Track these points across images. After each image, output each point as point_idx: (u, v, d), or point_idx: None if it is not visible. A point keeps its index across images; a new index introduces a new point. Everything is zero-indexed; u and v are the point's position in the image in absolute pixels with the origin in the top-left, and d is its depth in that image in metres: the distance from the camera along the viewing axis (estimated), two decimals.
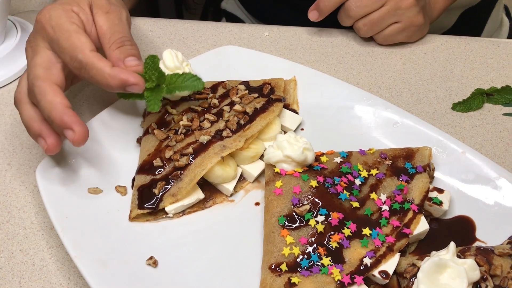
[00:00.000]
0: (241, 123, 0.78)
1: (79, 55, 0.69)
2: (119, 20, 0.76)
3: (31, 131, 0.71)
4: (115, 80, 0.69)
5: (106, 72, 0.69)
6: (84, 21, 0.75)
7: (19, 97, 0.74)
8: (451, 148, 0.78)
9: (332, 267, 0.64)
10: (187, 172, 0.73)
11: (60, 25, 0.72)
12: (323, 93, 0.88)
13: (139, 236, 0.71)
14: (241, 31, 1.06)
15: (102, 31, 0.74)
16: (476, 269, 0.61)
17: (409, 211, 0.69)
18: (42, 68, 0.71)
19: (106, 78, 0.69)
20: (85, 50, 0.70)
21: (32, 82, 0.70)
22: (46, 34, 0.72)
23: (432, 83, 0.96)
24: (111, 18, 0.76)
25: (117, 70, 0.69)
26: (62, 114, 0.67)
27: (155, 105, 0.72)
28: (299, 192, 0.70)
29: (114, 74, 0.69)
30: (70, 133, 0.68)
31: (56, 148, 0.70)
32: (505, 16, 1.43)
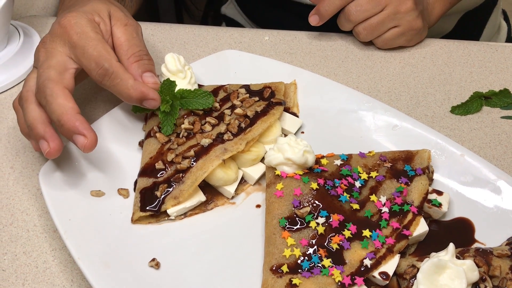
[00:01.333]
0: (242, 126, 0.79)
1: (105, 64, 0.72)
2: (136, 34, 0.79)
3: (35, 132, 0.72)
4: (136, 92, 0.72)
5: (130, 84, 0.72)
6: (103, 31, 0.77)
7: (25, 96, 0.74)
8: (450, 150, 0.79)
9: (333, 269, 0.64)
10: (189, 175, 0.74)
11: (86, 33, 0.74)
12: (323, 96, 0.89)
13: (142, 238, 0.72)
14: (242, 36, 1.07)
15: (120, 43, 0.77)
16: (475, 270, 0.61)
17: (409, 213, 0.70)
18: (56, 71, 0.72)
19: (128, 89, 0.72)
20: (112, 60, 0.72)
21: (43, 83, 0.71)
22: (69, 39, 0.74)
23: (431, 87, 0.97)
24: (129, 31, 0.78)
25: (139, 84, 0.73)
26: (74, 119, 0.69)
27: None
28: (300, 194, 0.70)
29: (136, 86, 0.73)
30: (81, 139, 0.69)
31: (58, 153, 0.71)
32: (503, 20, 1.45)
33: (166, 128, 0.78)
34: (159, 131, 0.79)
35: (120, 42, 0.77)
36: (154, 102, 0.74)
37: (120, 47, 0.76)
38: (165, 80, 0.78)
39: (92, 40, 0.73)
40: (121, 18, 0.79)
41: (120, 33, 0.77)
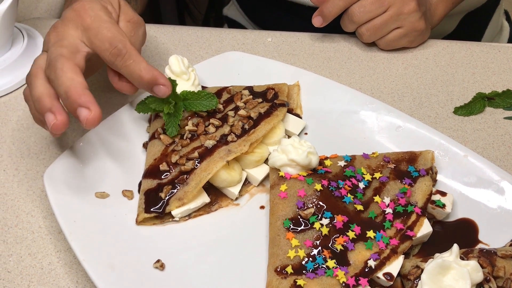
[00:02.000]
0: (245, 127, 0.79)
1: (119, 44, 0.72)
2: (135, 32, 0.79)
3: (41, 105, 0.71)
4: (148, 75, 0.72)
5: (142, 66, 0.72)
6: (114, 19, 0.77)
7: (35, 71, 0.74)
8: (453, 151, 0.79)
9: (337, 270, 0.65)
10: (193, 176, 0.74)
11: (99, 16, 0.74)
12: (326, 97, 0.89)
13: (146, 240, 0.72)
14: (244, 37, 1.08)
15: None
16: (479, 271, 0.61)
17: (413, 214, 0.70)
18: (68, 50, 0.72)
19: (140, 71, 0.72)
20: (126, 41, 0.73)
21: (55, 58, 0.71)
22: (83, 22, 0.74)
23: (434, 88, 0.97)
24: (129, 28, 0.79)
25: (152, 67, 0.73)
26: (81, 92, 0.68)
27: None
28: (304, 196, 0.71)
29: (149, 69, 0.73)
30: (85, 111, 0.68)
31: (63, 127, 0.70)
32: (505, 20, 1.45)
33: (171, 130, 0.78)
34: (163, 132, 0.80)
35: None
36: (165, 88, 0.73)
37: None
38: None
39: (106, 22, 0.74)
40: (127, 13, 0.80)
41: (121, 27, 0.78)
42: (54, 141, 0.89)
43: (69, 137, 0.89)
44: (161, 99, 0.78)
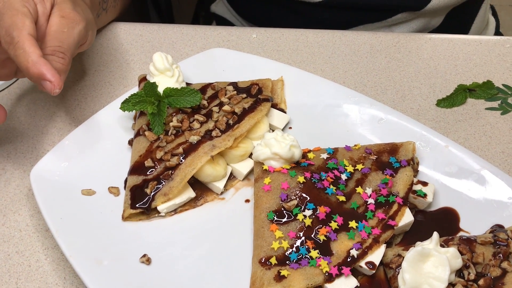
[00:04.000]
0: (230, 123, 0.80)
1: (14, 32, 0.71)
2: (68, 28, 0.76)
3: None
4: (35, 69, 0.70)
5: (31, 58, 0.70)
6: (39, 12, 0.76)
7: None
8: (434, 142, 0.80)
9: (320, 259, 0.66)
10: (178, 172, 0.75)
11: (11, 3, 0.73)
12: (310, 92, 0.90)
13: (132, 235, 0.73)
14: (230, 34, 1.09)
15: (48, 32, 0.76)
16: (458, 257, 0.63)
17: (394, 204, 0.71)
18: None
19: (28, 63, 0.70)
20: (23, 31, 0.71)
21: None
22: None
23: (417, 80, 0.98)
24: (62, 23, 0.76)
25: (42, 62, 0.70)
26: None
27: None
28: (287, 188, 0.72)
29: (37, 63, 0.70)
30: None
31: None
32: (491, 15, 1.46)
33: (156, 129, 0.79)
34: (148, 129, 0.80)
35: (48, 32, 0.76)
36: (50, 85, 0.71)
37: (46, 36, 0.75)
38: (146, 83, 0.80)
39: (13, 10, 0.72)
40: (62, 9, 0.78)
41: (52, 23, 0.76)
42: (40, 140, 0.89)
43: (55, 135, 0.89)
44: (145, 98, 0.79)
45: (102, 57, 1.04)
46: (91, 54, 1.05)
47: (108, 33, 1.09)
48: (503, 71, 1.00)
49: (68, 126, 0.91)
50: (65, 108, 0.94)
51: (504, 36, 1.11)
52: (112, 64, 1.03)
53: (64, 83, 0.98)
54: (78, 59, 1.04)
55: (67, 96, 0.96)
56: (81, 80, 0.99)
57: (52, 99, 0.96)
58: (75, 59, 1.03)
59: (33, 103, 0.95)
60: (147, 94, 0.79)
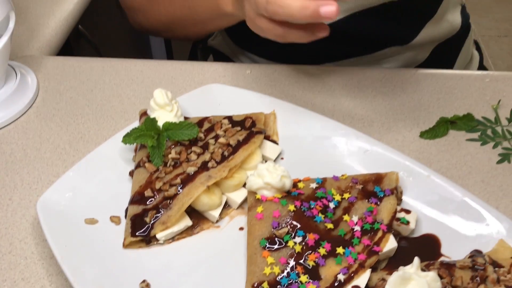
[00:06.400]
0: (225, 154, 0.85)
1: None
2: None
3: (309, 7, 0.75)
4: None
5: None
6: None
7: None
8: (417, 172, 0.85)
9: (309, 284, 0.70)
10: (175, 201, 0.80)
11: None
12: (300, 125, 0.96)
13: (133, 262, 0.77)
14: (225, 70, 1.15)
15: None
16: (437, 281, 0.67)
17: (379, 231, 0.76)
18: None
19: None
20: None
21: None
22: None
23: (401, 113, 1.04)
24: None
25: None
26: None
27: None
28: (279, 216, 0.77)
29: None
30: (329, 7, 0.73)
31: None
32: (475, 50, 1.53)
33: (156, 161, 0.84)
34: (148, 161, 0.86)
35: None
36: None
37: None
38: (146, 118, 0.85)
39: None
40: None
41: None
42: (45, 171, 0.94)
43: (60, 167, 0.94)
44: (145, 132, 0.84)
45: (104, 92, 1.10)
46: (94, 89, 1.11)
47: (110, 69, 1.15)
48: (482, 104, 1.06)
49: (72, 158, 0.96)
50: (69, 141, 1.00)
51: (484, 71, 1.18)
52: (114, 99, 1.09)
53: (68, 118, 1.04)
54: (82, 94, 1.10)
55: (71, 129, 1.02)
56: (85, 114, 1.05)
57: (57, 132, 1.01)
58: (80, 95, 1.09)
59: (38, 136, 1.01)
60: (148, 128, 0.85)
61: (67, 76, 1.14)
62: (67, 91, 1.11)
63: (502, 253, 0.74)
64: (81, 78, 1.14)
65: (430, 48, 1.35)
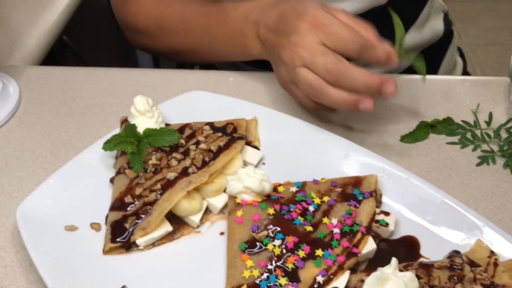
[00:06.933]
0: (206, 160, 0.86)
1: (359, 38, 0.85)
2: None
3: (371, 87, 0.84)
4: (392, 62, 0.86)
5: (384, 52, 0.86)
6: None
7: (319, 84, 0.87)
8: (396, 175, 0.86)
9: (288, 286, 0.70)
10: (155, 207, 0.80)
11: (331, 19, 0.87)
12: (281, 130, 0.96)
13: (113, 268, 0.77)
14: (208, 77, 1.16)
15: None
16: (414, 281, 0.68)
17: (358, 233, 0.76)
18: None
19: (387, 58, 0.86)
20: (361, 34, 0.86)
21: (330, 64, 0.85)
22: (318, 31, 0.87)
23: (382, 118, 1.05)
24: None
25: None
26: (375, 76, 0.84)
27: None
28: (258, 220, 0.77)
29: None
30: (390, 86, 0.85)
31: None
32: (459, 57, 1.55)
33: (136, 167, 0.84)
34: (128, 167, 0.86)
35: None
36: None
37: None
38: (126, 125, 0.86)
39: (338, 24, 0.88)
40: None
41: None
42: (26, 180, 0.94)
43: (41, 175, 0.94)
44: (125, 139, 0.85)
45: (86, 100, 1.10)
46: (76, 98, 1.11)
47: (93, 78, 1.16)
48: (462, 108, 1.08)
49: (54, 166, 0.96)
50: (51, 149, 1.00)
51: (464, 76, 1.20)
52: (96, 107, 1.09)
53: (50, 126, 1.04)
54: (64, 103, 1.10)
55: (52, 138, 1.02)
56: (67, 123, 1.05)
57: (38, 141, 1.01)
58: (62, 104, 1.09)
59: (20, 145, 1.01)
60: (127, 134, 0.85)
61: (49, 86, 1.14)
62: (49, 100, 1.11)
63: (479, 253, 0.75)
64: (63, 87, 1.14)
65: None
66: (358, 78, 0.84)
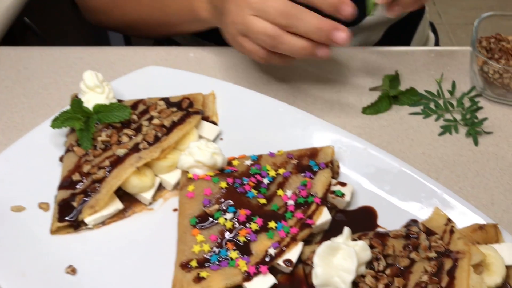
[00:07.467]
0: (158, 135, 0.83)
1: None
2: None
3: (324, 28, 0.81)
4: None
5: None
6: None
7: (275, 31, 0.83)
8: (353, 145, 0.84)
9: (239, 259, 0.68)
10: (104, 184, 0.77)
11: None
12: (241, 105, 0.94)
13: (60, 248, 0.74)
14: (168, 53, 1.12)
15: None
16: (367, 250, 0.66)
17: (313, 204, 0.74)
18: None
19: None
20: None
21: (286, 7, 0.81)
22: None
23: (345, 91, 1.03)
24: None
25: None
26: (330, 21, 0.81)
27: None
28: (210, 194, 0.74)
29: None
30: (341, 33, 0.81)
31: None
32: (431, 32, 1.53)
33: (85, 144, 0.81)
34: (77, 145, 0.83)
35: None
36: None
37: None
38: (72, 100, 0.82)
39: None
40: None
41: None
42: None
43: None
44: (72, 115, 0.81)
45: (42, 80, 1.07)
46: (31, 78, 1.07)
47: (48, 57, 1.11)
48: (426, 79, 1.06)
49: (4, 147, 0.92)
50: (2, 130, 0.96)
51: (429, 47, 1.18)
52: (51, 86, 1.05)
53: (2, 107, 1.00)
54: (18, 83, 1.06)
55: (4, 119, 0.98)
56: (19, 103, 1.01)
57: None
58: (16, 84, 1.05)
59: None
60: (75, 111, 0.82)
61: (3, 66, 1.10)
62: (2, 80, 1.07)
63: (437, 221, 0.73)
64: (18, 67, 1.10)
65: (382, 29, 1.34)
66: (312, 21, 0.81)
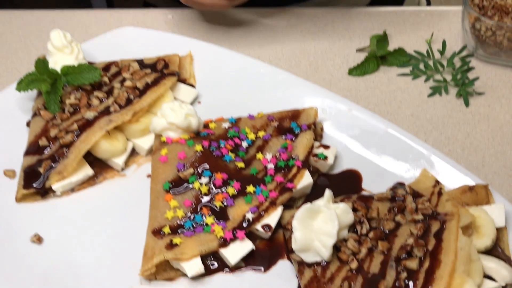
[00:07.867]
0: (131, 98, 0.78)
1: None
2: None
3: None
4: None
5: None
6: None
7: None
8: (338, 107, 0.80)
9: (215, 225, 0.64)
10: (72, 149, 0.72)
11: None
12: (221, 66, 0.89)
13: (26, 216, 0.70)
14: (145, 16, 1.06)
15: None
16: (349, 213, 0.62)
17: (294, 167, 0.70)
18: None
19: None
20: None
21: None
22: None
23: (331, 52, 0.98)
24: None
25: None
26: None
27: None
28: (184, 158, 0.70)
29: None
30: None
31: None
32: None
33: (52, 107, 0.77)
34: (44, 108, 0.78)
35: None
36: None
37: None
38: (37, 61, 0.77)
39: None
40: None
41: None
42: None
43: None
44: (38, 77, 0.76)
45: (11, 44, 1.01)
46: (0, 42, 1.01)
47: (19, 21, 1.06)
48: (416, 39, 1.01)
49: None
50: None
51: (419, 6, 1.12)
52: (21, 51, 1.00)
53: None
54: None
55: None
56: None
57: None
58: None
59: None
60: (40, 72, 0.77)
61: None
62: None
63: (424, 183, 0.70)
64: None
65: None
66: None
